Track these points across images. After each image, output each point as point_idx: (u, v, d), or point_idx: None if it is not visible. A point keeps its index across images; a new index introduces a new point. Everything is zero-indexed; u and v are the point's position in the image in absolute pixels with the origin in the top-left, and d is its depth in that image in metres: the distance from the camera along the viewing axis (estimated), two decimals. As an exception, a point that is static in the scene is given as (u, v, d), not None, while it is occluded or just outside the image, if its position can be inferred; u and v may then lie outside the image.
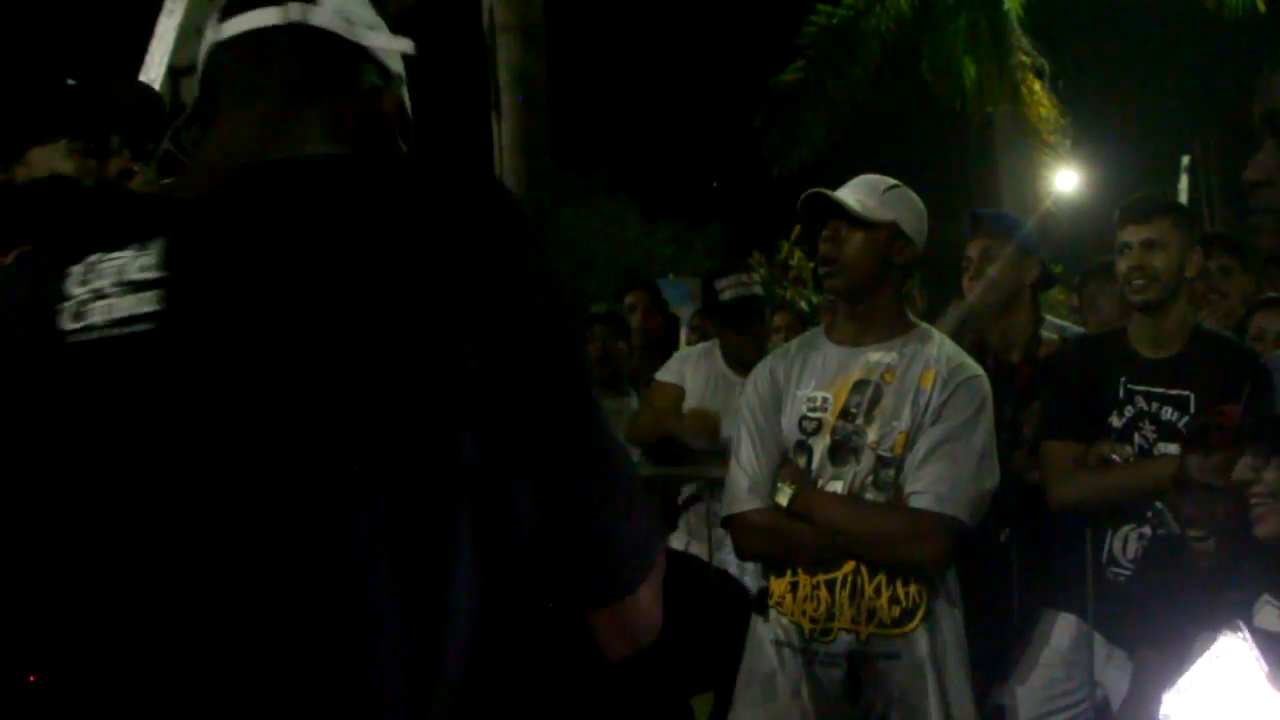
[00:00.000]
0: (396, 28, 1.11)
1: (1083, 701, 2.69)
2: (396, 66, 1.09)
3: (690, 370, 3.50)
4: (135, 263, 0.89)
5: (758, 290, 3.42)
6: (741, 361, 3.39)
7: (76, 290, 0.90)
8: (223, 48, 1.03)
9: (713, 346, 3.54)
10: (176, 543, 0.85)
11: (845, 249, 2.31)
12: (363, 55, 1.04)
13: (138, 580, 0.86)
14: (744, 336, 3.39)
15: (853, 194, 2.34)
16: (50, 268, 0.93)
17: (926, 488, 2.21)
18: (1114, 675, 2.62)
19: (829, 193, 2.32)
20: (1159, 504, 2.53)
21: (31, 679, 0.85)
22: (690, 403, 3.46)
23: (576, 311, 0.94)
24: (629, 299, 4.59)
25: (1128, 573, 2.61)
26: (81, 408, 0.89)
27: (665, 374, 3.57)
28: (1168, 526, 2.50)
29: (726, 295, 3.42)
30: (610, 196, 21.70)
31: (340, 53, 1.03)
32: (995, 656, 2.72)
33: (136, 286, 0.88)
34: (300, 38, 1.01)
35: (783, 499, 2.28)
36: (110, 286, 0.89)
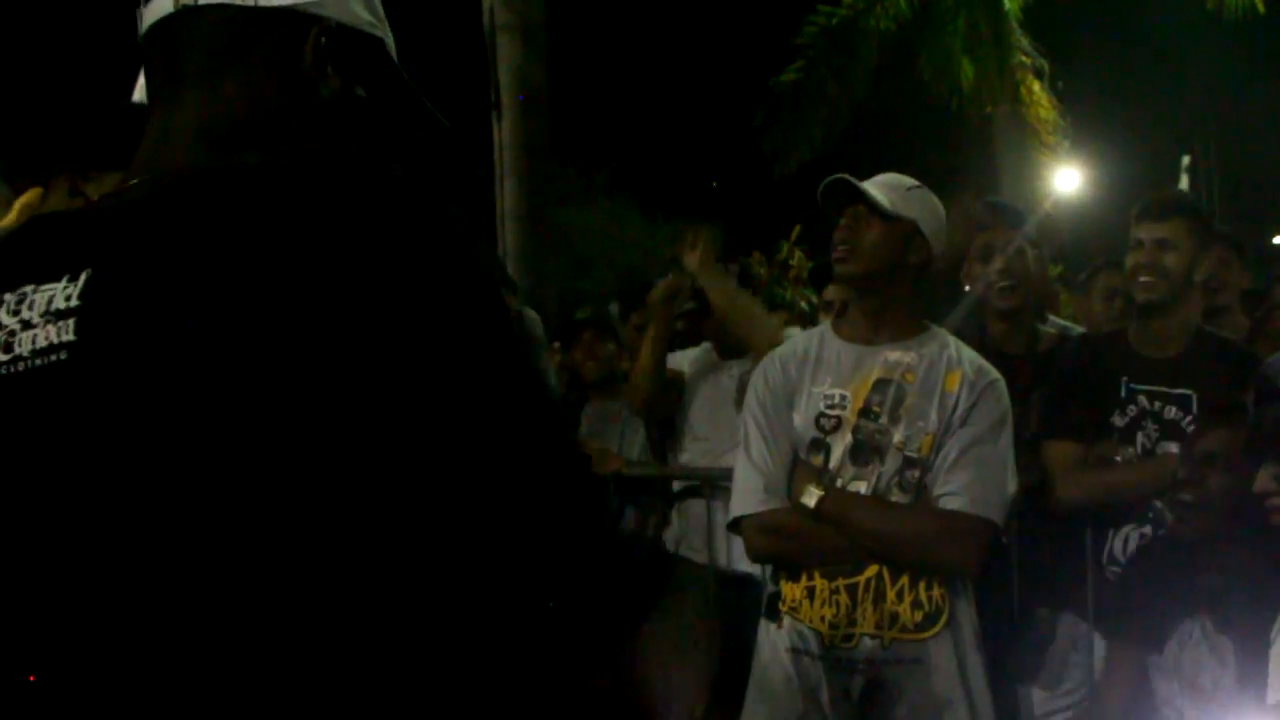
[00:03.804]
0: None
1: (1083, 702, 2.68)
2: (328, 10, 1.00)
3: (688, 364, 3.55)
4: (63, 293, 0.88)
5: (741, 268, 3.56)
6: (719, 340, 3.46)
7: (8, 320, 0.89)
8: (145, 40, 1.01)
9: (706, 347, 3.58)
10: (53, 598, 0.84)
11: (862, 237, 2.27)
12: (270, 17, 0.98)
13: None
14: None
15: (875, 187, 2.31)
16: None
17: (960, 490, 2.17)
18: (1114, 675, 2.62)
19: (853, 180, 2.29)
20: (1158, 503, 2.53)
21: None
22: (687, 389, 3.53)
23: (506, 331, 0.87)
24: (635, 319, 4.48)
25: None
26: (5, 436, 0.88)
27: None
28: (1164, 523, 2.51)
29: None
30: (610, 196, 21.68)
31: (244, 23, 0.98)
32: (995, 657, 2.71)
33: (60, 315, 0.87)
34: (200, 19, 0.98)
35: (809, 500, 2.21)
36: (38, 317, 0.88)
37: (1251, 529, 2.13)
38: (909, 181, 2.36)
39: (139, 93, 3.17)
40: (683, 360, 3.60)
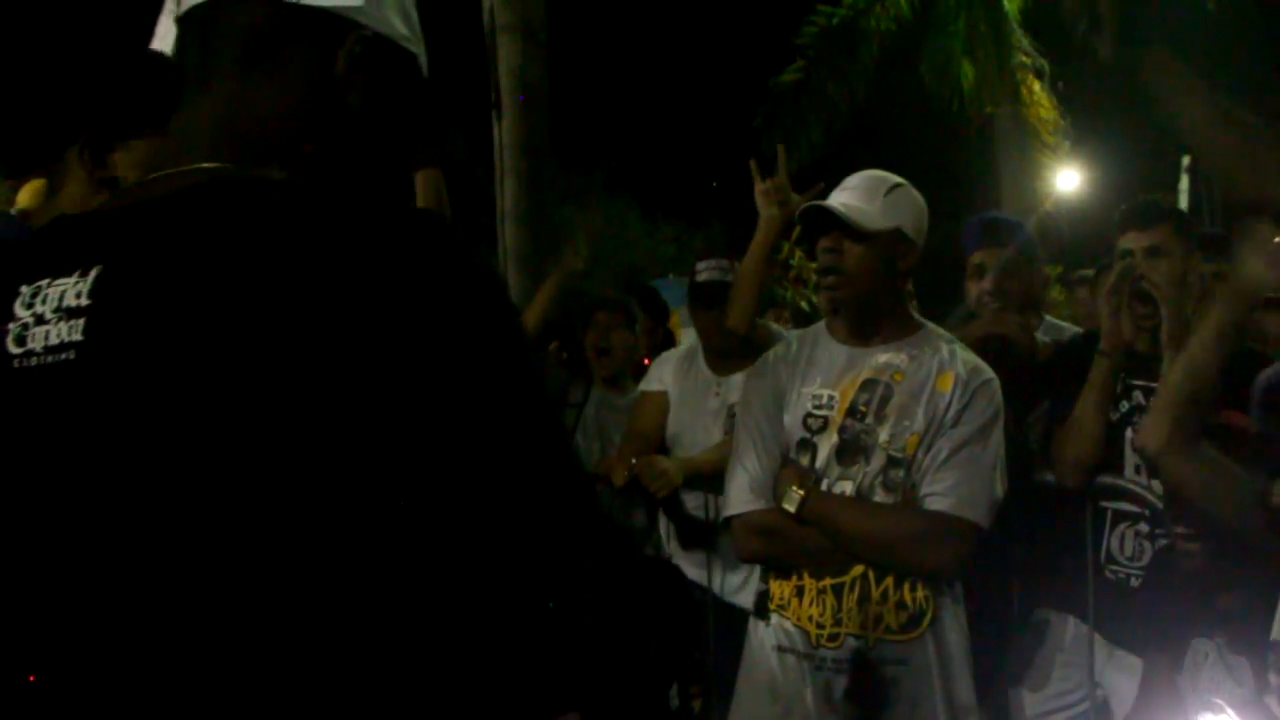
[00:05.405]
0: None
1: (1082, 702, 2.68)
2: (368, 18, 0.99)
3: (671, 372, 3.48)
4: (74, 289, 0.88)
5: (733, 279, 3.39)
6: (709, 347, 3.38)
7: (22, 313, 0.90)
8: (180, 25, 1.00)
9: (696, 346, 3.52)
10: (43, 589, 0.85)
11: (847, 260, 2.26)
12: (309, 16, 0.97)
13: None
14: (709, 317, 3.34)
15: (853, 198, 2.28)
16: (2, 285, 0.92)
17: (947, 490, 2.16)
18: (1114, 675, 2.62)
19: (829, 206, 2.27)
20: (1157, 502, 2.53)
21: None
22: (672, 404, 3.44)
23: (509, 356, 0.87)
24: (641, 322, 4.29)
25: (1126, 571, 2.62)
26: (13, 430, 0.89)
27: (648, 383, 3.54)
28: (1169, 534, 2.50)
29: (701, 277, 3.43)
30: (611, 196, 21.68)
31: (283, 19, 0.97)
32: (995, 657, 2.71)
33: (70, 314, 0.87)
34: (240, 8, 0.97)
35: (790, 505, 2.21)
36: (50, 313, 0.88)
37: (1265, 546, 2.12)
38: (887, 182, 2.33)
39: (158, 40, 3.13)
40: (666, 365, 3.51)
